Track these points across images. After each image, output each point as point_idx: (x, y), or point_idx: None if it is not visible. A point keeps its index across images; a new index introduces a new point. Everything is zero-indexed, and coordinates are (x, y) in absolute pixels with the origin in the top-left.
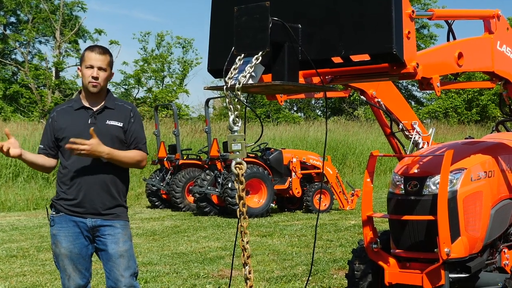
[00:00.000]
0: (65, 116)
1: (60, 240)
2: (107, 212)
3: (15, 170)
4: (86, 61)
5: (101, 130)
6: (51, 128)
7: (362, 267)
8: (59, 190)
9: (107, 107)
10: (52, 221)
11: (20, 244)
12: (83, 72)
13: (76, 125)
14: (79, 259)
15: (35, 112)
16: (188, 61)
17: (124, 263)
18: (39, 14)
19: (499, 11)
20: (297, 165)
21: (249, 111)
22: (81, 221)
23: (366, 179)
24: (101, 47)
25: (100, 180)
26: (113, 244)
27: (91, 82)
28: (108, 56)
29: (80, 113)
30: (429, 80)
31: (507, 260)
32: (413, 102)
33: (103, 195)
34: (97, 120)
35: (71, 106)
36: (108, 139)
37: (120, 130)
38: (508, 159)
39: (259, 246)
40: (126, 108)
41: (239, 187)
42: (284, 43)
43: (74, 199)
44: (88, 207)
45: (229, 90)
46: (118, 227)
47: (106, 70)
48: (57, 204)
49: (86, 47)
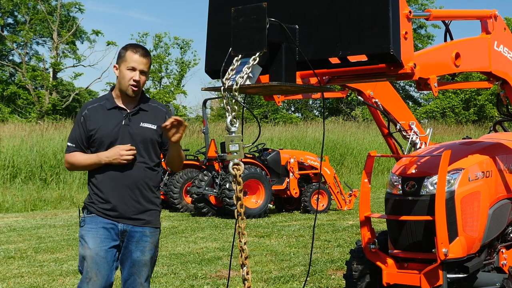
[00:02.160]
0: (98, 115)
1: (88, 240)
2: (139, 217)
3: (13, 171)
4: (128, 61)
5: (135, 132)
6: (84, 126)
7: (360, 267)
8: (91, 192)
9: (142, 108)
10: (83, 221)
11: (17, 245)
12: (123, 72)
13: (109, 125)
14: (103, 263)
15: (32, 113)
16: (186, 62)
17: (146, 271)
18: (36, 15)
19: (496, 11)
20: (295, 165)
21: (246, 111)
22: (112, 225)
23: (364, 179)
24: (144, 48)
25: (134, 182)
26: (138, 251)
27: (132, 85)
28: (150, 58)
29: (114, 113)
30: (427, 81)
31: (505, 260)
32: (410, 102)
33: (137, 198)
34: (131, 122)
35: (102, 104)
36: (141, 141)
37: (154, 132)
38: (506, 159)
39: (257, 247)
40: (161, 110)
41: (237, 187)
42: (281, 44)
43: (107, 202)
44: (121, 211)
45: (226, 91)
46: (148, 235)
47: (146, 74)
48: (89, 206)
49: (126, 45)
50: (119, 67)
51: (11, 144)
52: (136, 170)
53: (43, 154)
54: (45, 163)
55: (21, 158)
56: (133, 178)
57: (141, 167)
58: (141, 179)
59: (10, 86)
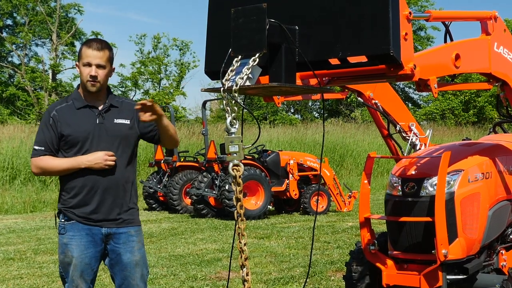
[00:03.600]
0: (68, 115)
1: (71, 249)
2: (123, 217)
3: (12, 173)
4: (83, 58)
5: (109, 130)
6: (54, 128)
7: (359, 268)
8: (66, 197)
9: (112, 105)
10: (62, 229)
11: (17, 246)
12: (80, 69)
13: (82, 125)
14: (87, 269)
15: (31, 115)
16: (185, 63)
17: (139, 271)
18: (35, 17)
19: (496, 13)
20: (294, 167)
21: (246, 113)
22: (95, 229)
23: (364, 180)
24: (99, 42)
25: (114, 182)
26: (128, 253)
27: (89, 81)
28: (107, 51)
29: (85, 112)
30: (426, 82)
31: (505, 261)
32: (410, 104)
33: (119, 198)
34: (104, 120)
35: (70, 104)
36: (118, 138)
37: (128, 127)
38: (506, 160)
39: (256, 248)
40: (130, 104)
41: (237, 189)
42: (281, 45)
43: (87, 206)
44: (103, 213)
45: (226, 92)
46: (133, 234)
47: (105, 67)
48: (67, 212)
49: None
50: (79, 65)
51: (11, 145)
52: (115, 170)
53: None
54: None
55: (20, 160)
56: (112, 178)
57: (119, 166)
58: (120, 178)
59: (9, 88)
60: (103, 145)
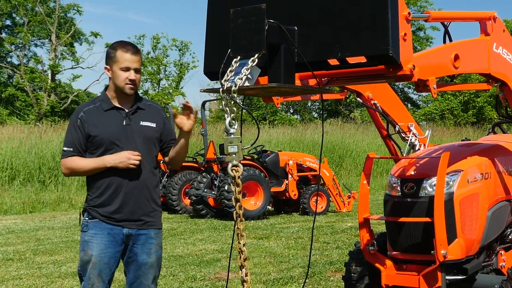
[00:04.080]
0: (95, 117)
1: (91, 247)
2: (145, 219)
3: (11, 173)
4: (120, 62)
5: (135, 131)
6: (81, 129)
7: (359, 269)
8: (91, 196)
9: (139, 107)
10: (85, 226)
11: (16, 247)
12: (116, 73)
13: (110, 126)
14: (106, 269)
15: (31, 115)
16: (185, 64)
17: (153, 273)
18: (34, 17)
19: (495, 13)
20: (294, 167)
21: (245, 113)
22: (117, 229)
23: (363, 181)
24: (133, 46)
25: (138, 184)
26: (144, 254)
27: (129, 84)
28: (140, 54)
29: (112, 113)
30: (426, 82)
31: (504, 262)
32: (409, 104)
33: (142, 200)
34: (131, 121)
35: (98, 106)
36: (142, 140)
37: (154, 130)
38: (505, 160)
39: (255, 249)
40: (157, 108)
41: (236, 189)
42: (280, 45)
43: (110, 205)
44: (126, 213)
45: (225, 92)
46: (153, 237)
47: (140, 71)
48: (91, 210)
49: (114, 44)
50: (111, 68)
51: (10, 146)
52: (139, 172)
53: (42, 156)
54: (43, 165)
55: (19, 160)
56: (136, 180)
57: (144, 168)
58: (144, 180)
59: (8, 88)
60: (129, 146)
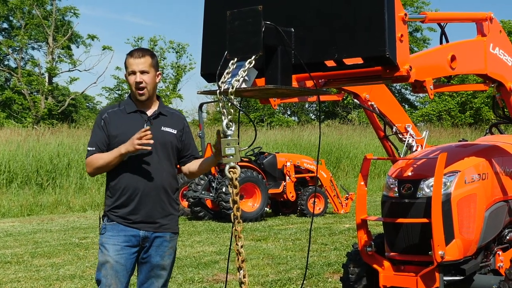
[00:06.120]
0: (118, 119)
1: (108, 248)
2: (161, 222)
3: (9, 176)
4: (127, 67)
5: (156, 136)
6: (105, 129)
7: (356, 270)
8: (110, 200)
9: (162, 113)
10: (103, 229)
11: (14, 250)
12: (127, 79)
13: (131, 128)
14: (122, 270)
15: (28, 118)
16: (182, 66)
17: (164, 276)
18: (31, 20)
19: (491, 14)
20: (291, 169)
21: (242, 115)
22: (133, 231)
23: (360, 182)
24: (140, 50)
25: (155, 187)
26: (158, 256)
27: (137, 90)
28: (149, 57)
29: (134, 116)
30: (422, 83)
31: (502, 262)
32: (406, 106)
33: (158, 203)
34: (152, 125)
35: (122, 109)
36: (162, 145)
37: (174, 137)
38: (502, 161)
39: (253, 250)
40: (179, 117)
41: (233, 191)
42: (277, 47)
43: (127, 207)
44: (142, 215)
45: (222, 94)
46: (168, 240)
47: (148, 72)
48: (109, 213)
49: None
50: (126, 76)
51: (7, 149)
52: (157, 175)
53: (39, 159)
54: (41, 168)
55: (17, 163)
56: (153, 183)
57: (162, 171)
58: (162, 184)
59: (5, 91)
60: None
